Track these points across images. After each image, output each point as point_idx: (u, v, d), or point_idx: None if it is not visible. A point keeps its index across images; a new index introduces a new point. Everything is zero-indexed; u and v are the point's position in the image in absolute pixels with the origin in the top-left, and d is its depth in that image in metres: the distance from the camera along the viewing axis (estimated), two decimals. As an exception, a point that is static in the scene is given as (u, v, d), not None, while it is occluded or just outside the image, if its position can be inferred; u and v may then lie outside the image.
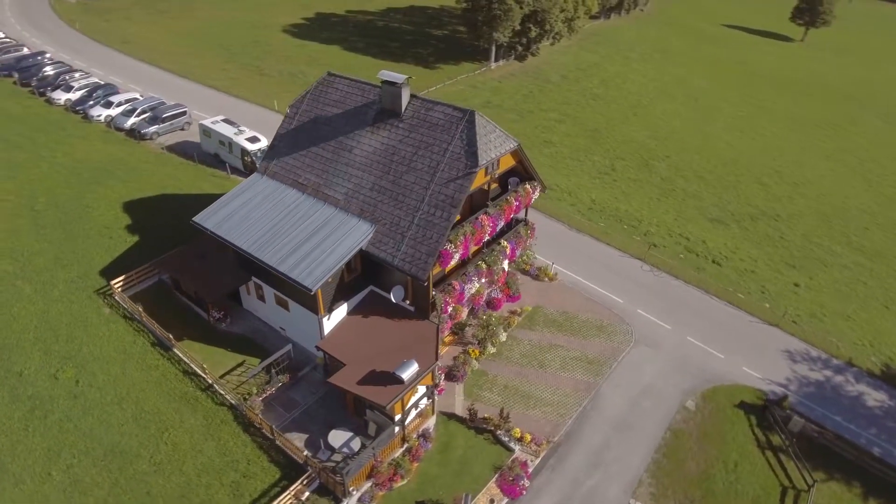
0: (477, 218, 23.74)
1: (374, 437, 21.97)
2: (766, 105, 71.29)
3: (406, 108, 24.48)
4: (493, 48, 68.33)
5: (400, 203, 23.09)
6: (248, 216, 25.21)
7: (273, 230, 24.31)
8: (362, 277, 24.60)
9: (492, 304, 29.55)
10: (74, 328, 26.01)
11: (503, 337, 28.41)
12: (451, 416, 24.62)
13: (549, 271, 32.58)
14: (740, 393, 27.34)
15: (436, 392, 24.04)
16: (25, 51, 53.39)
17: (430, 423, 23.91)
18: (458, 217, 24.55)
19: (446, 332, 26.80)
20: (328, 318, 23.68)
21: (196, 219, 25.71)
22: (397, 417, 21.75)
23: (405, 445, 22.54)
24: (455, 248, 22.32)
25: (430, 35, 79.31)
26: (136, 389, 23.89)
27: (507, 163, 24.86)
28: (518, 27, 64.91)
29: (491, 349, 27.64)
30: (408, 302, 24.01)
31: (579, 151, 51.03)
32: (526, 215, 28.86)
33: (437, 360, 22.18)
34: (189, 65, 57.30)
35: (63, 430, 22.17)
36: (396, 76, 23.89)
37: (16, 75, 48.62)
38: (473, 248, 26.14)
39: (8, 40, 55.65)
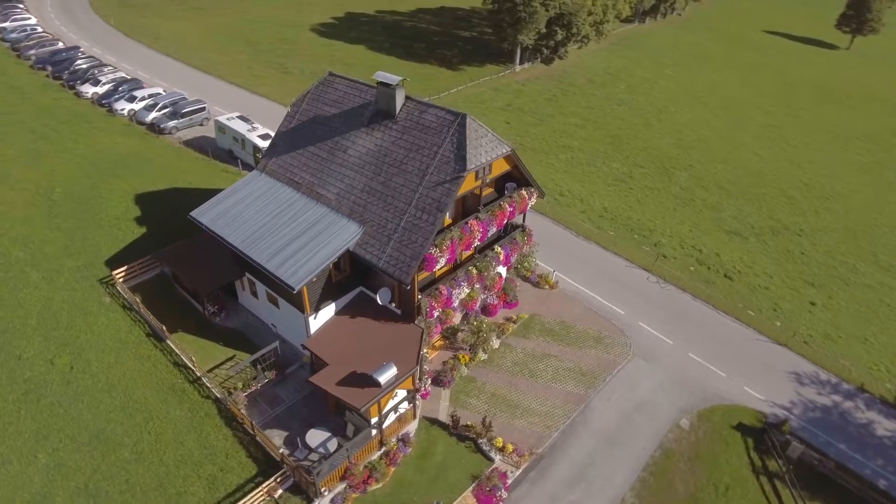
0: (467, 223, 23.44)
1: (351, 439, 21.91)
2: (803, 115, 68.67)
3: (400, 110, 24.36)
4: (519, 51, 67.72)
5: (388, 205, 22.99)
6: (243, 213, 25.50)
7: (265, 227, 24.52)
8: (352, 278, 24.58)
9: (487, 310, 29.23)
10: (75, 315, 26.77)
11: (496, 344, 28.02)
12: (434, 422, 24.37)
13: (549, 279, 32.00)
14: (739, 414, 26.30)
15: (419, 396, 23.87)
16: (60, 45, 55.48)
17: (411, 427, 23.72)
18: (448, 221, 24.46)
19: (436, 337, 26.56)
20: (315, 318, 23.74)
21: (193, 213, 26.16)
22: (374, 420, 21.62)
23: (383, 449, 22.41)
24: (440, 252, 22.07)
25: (458, 37, 79.17)
26: (127, 378, 24.42)
27: (502, 168, 24.47)
28: (544, 30, 64.20)
29: (482, 356, 27.28)
30: (394, 305, 23.88)
31: (597, 157, 50.08)
32: (524, 221, 28.38)
33: (417, 364, 21.97)
34: (215, 61, 58.58)
35: (53, 414, 22.81)
36: (391, 77, 23.79)
37: (49, 69, 50.49)
38: (466, 254, 25.93)
39: (46, 35, 57.92)
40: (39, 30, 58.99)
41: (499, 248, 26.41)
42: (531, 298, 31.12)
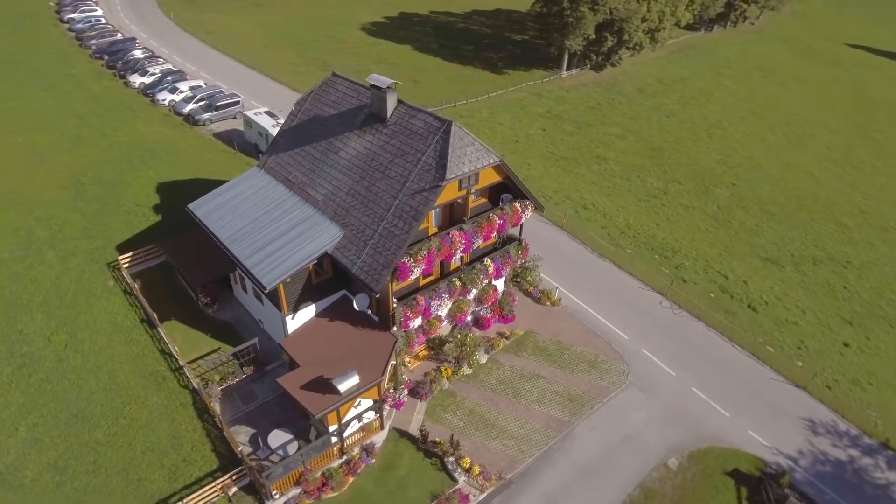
0: (448, 233, 22.69)
1: (311, 441, 21.68)
2: (875, 136, 63.41)
3: (391, 114, 23.90)
4: (566, 56, 65.89)
5: (369, 210, 22.60)
6: (237, 207, 25.81)
7: (253, 224, 24.70)
8: (334, 281, 24.35)
9: (480, 323, 28.35)
10: (79, 296, 27.95)
11: (483, 359, 27.11)
12: (404, 434, 23.77)
13: (552, 295, 30.69)
14: (736, 459, 24.23)
15: (387, 407, 23.37)
16: (119, 36, 58.62)
17: (378, 438, 23.24)
18: (435, 230, 23.81)
19: (418, 347, 25.96)
20: (292, 318, 23.66)
21: (191, 205, 26.73)
22: (333, 428, 21.28)
23: (343, 457, 22.05)
24: (414, 262, 21.44)
25: (509, 40, 78.02)
26: (114, 361, 25.22)
27: (491, 178, 23.54)
28: (592, 36, 62.14)
29: (467, 370, 26.43)
30: (370, 311, 23.48)
31: (633, 170, 47.90)
32: (520, 234, 27.30)
33: (383, 375, 21.46)
34: (261, 56, 60.20)
35: (41, 390, 23.84)
36: (382, 80, 23.37)
37: (106, 58, 53.38)
38: (454, 266, 25.21)
39: (108, 26, 61.35)
40: (103, 21, 62.60)
41: (488, 261, 25.48)
42: (530, 314, 29.94)
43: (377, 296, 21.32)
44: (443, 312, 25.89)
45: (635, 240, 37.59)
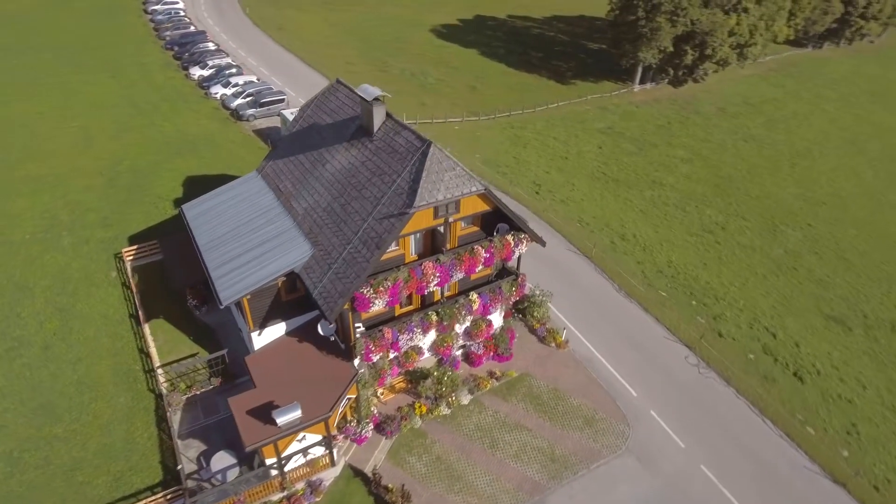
0: (421, 264, 20.62)
1: (256, 468, 20.46)
2: None
3: (378, 129, 22.15)
4: (640, 69, 61.33)
5: (339, 230, 21.00)
6: (224, 213, 25.14)
7: (233, 231, 23.88)
8: (310, 300, 22.96)
9: (470, 359, 26.09)
10: (81, 284, 28.48)
11: (465, 399, 24.81)
12: (359, 474, 22.02)
13: (559, 335, 27.78)
14: (738, 563, 20.47)
15: (338, 442, 21.73)
16: (192, 29, 60.94)
17: (329, 474, 21.63)
18: (413, 258, 21.87)
19: (391, 379, 24.11)
20: (259, 334, 22.56)
21: (185, 205, 26.40)
22: (271, 461, 19.90)
23: (284, 492, 20.64)
24: (375, 294, 19.56)
25: (583, 48, 74.09)
26: (95, 355, 25.31)
27: (477, 207, 21.20)
28: (670, 49, 57.32)
29: (444, 410, 24.27)
30: (334, 338, 21.92)
31: (691, 200, 43.34)
32: (518, 267, 24.69)
33: (330, 411, 19.82)
34: (322, 55, 60.47)
35: (20, 375, 24.27)
36: (370, 91, 21.65)
37: (176, 49, 55.56)
38: (438, 297, 23.12)
39: (185, 18, 64.07)
40: (182, 14, 65.50)
41: (474, 296, 23.14)
42: (529, 354, 27.24)
43: (330, 325, 19.68)
44: (423, 345, 23.92)
45: (673, 280, 33.58)
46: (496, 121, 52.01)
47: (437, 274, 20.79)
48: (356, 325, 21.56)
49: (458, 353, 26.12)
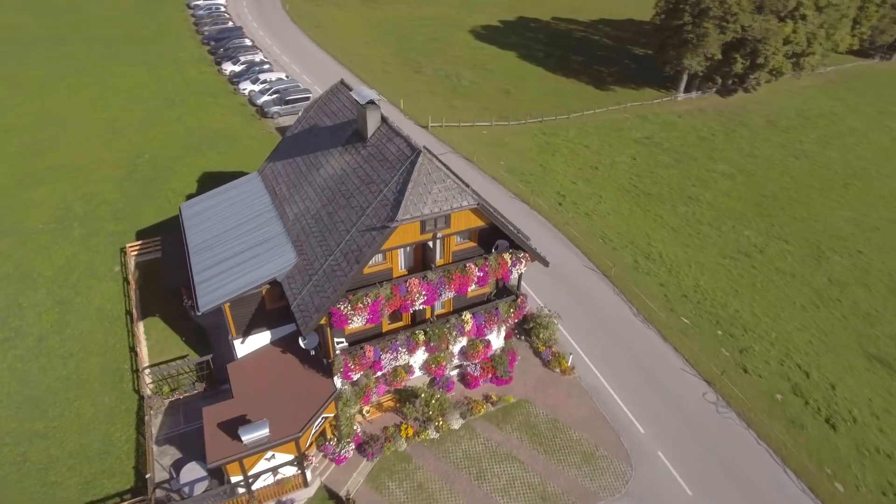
0: (406, 281, 19.29)
1: (224, 484, 19.61)
2: None
3: (373, 134, 20.93)
4: (685, 76, 58.19)
5: (324, 240, 19.90)
6: (218, 214, 24.50)
7: (224, 234, 23.16)
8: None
9: (466, 380, 24.62)
10: (83, 277, 28.48)
11: (456, 424, 23.34)
12: (334, 496, 20.88)
13: (565, 360, 25.96)
14: None
15: (313, 462, 20.64)
16: (230, 24, 61.49)
17: (301, 495, 20.56)
18: (402, 272, 20.57)
19: (377, 397, 22.91)
20: (242, 342, 21.74)
21: (183, 204, 25.92)
22: (236, 479, 18.98)
23: (251, 511, 19.71)
24: (352, 310, 18.35)
25: (628, 53, 71.17)
26: (86, 350, 25.11)
27: (471, 222, 19.68)
28: (718, 56, 54.08)
29: (432, 434, 22.88)
30: (314, 352, 20.85)
31: (729, 218, 40.45)
32: (518, 289, 23.02)
33: (301, 431, 18.75)
34: (356, 53, 59.95)
35: (11, 367, 24.27)
36: (364, 94, 20.44)
37: (212, 44, 56.08)
38: (429, 313, 21.75)
39: (224, 14, 64.78)
40: (222, 9, 66.30)
41: (468, 316, 21.64)
42: (531, 379, 25.54)
43: (303, 340, 18.60)
44: (414, 363, 22.60)
45: (698, 306, 31.11)
46: (526, 126, 50.17)
47: (424, 292, 19.42)
48: (337, 340, 20.50)
49: (454, 373, 24.71)
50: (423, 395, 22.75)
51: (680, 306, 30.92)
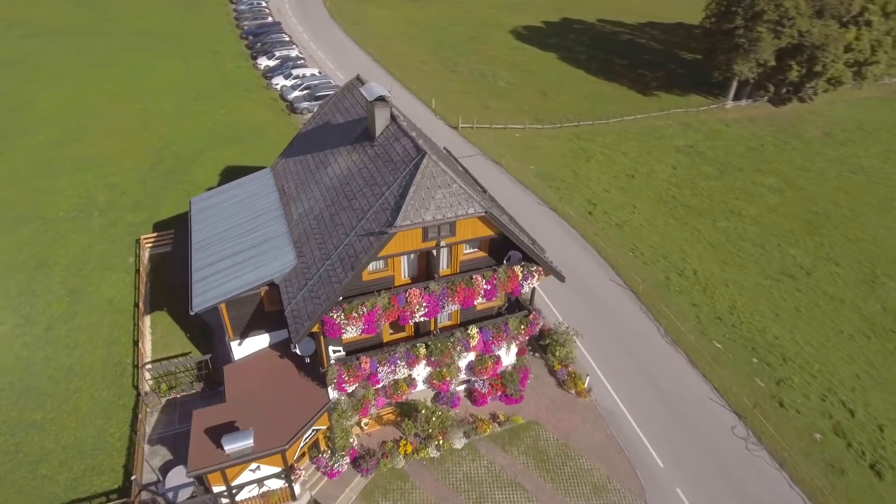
0: (406, 291, 18.05)
1: (209, 493, 18.82)
2: None
3: (381, 133, 19.80)
4: (734, 83, 55.08)
5: (324, 243, 18.89)
6: (225, 210, 23.88)
7: (228, 232, 22.49)
8: (295, 313, 21.11)
9: (473, 397, 23.25)
10: (97, 267, 28.40)
11: (458, 443, 21.99)
12: (324, 512, 19.86)
13: (581, 382, 24.26)
14: None
15: (303, 475, 19.64)
16: (269, 20, 61.70)
17: (288, 509, 19.62)
18: (406, 280, 19.39)
19: (376, 410, 21.77)
20: (239, 344, 21.01)
21: (194, 198, 25.44)
22: (218, 489, 18.13)
23: (235, 523, 18.84)
24: (346, 319, 17.23)
25: (675, 58, 68.14)
26: (91, 342, 24.87)
27: (479, 231, 18.31)
28: (772, 63, 50.89)
29: (433, 452, 21.60)
30: (308, 360, 19.87)
31: (774, 236, 37.67)
32: (531, 304, 21.48)
33: (288, 444, 17.76)
34: (392, 51, 59.21)
35: (18, 356, 24.20)
36: (373, 90, 19.33)
37: (251, 38, 56.31)
38: (444, 323, 20.49)
39: (265, 9, 65.10)
40: (263, 4, 66.66)
41: (474, 330, 20.25)
42: (543, 399, 23.95)
43: (293, 348, 17.62)
44: (417, 376, 21.38)
45: (733, 330, 28.80)
46: (561, 130, 48.30)
47: (425, 304, 18.15)
48: (334, 348, 19.46)
49: (460, 388, 23.35)
50: (423, 411, 21.46)
51: (712, 329, 28.67)
